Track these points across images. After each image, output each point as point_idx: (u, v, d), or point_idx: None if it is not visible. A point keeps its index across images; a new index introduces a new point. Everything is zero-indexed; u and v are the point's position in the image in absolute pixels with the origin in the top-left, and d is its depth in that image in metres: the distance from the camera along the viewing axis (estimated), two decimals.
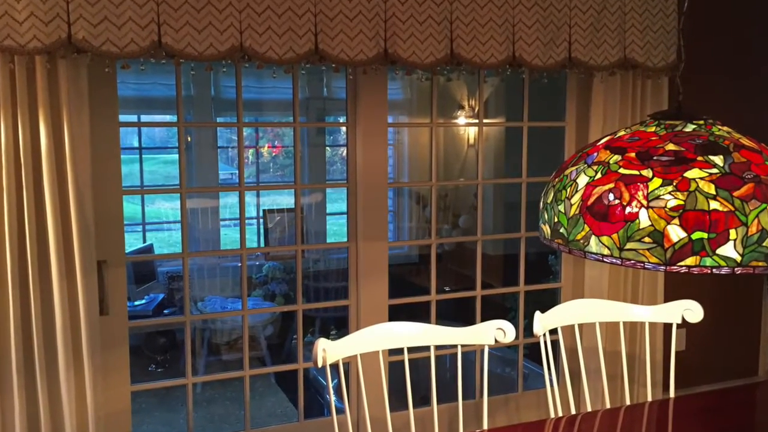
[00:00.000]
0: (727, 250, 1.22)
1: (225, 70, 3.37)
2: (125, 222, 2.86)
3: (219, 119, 6.52)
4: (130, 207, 7.48)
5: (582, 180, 1.38)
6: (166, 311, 5.42)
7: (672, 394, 2.50)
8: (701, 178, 1.25)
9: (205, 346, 5.27)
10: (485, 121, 3.61)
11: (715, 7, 3.69)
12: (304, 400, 3.25)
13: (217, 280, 5.90)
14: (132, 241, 7.04)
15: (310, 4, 2.67)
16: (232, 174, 8.83)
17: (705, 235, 1.22)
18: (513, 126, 3.92)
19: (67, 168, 2.47)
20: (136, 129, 7.31)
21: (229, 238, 7.17)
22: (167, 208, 8.34)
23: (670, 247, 1.24)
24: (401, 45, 2.81)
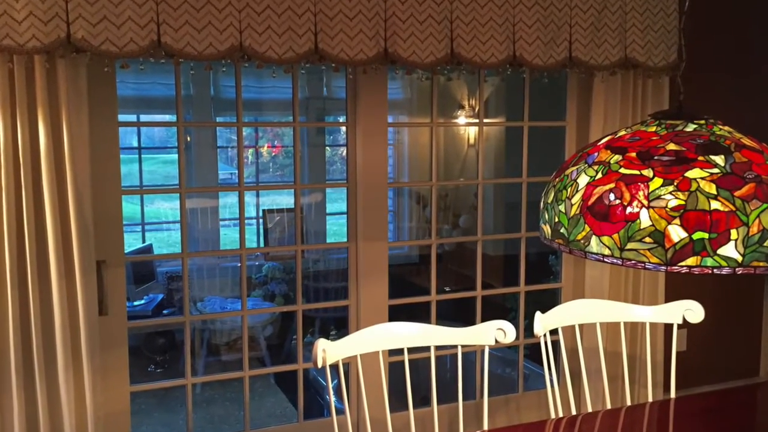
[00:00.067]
0: (728, 251, 1.22)
1: (224, 69, 3.37)
2: (124, 222, 2.85)
3: (218, 119, 6.51)
4: (130, 207, 7.48)
5: (583, 180, 1.38)
6: (165, 311, 5.41)
7: (673, 394, 2.49)
8: (702, 178, 1.25)
9: (204, 347, 5.26)
10: (485, 120, 3.61)
11: (715, 6, 3.68)
12: (304, 401, 3.25)
13: (216, 280, 5.89)
14: (131, 241, 7.03)
15: (309, 3, 2.66)
16: (231, 174, 8.82)
17: (706, 235, 1.22)
18: (513, 126, 3.91)
19: (66, 168, 2.47)
20: (135, 129, 7.30)
21: (229, 238, 7.16)
22: (166, 208, 8.33)
23: (671, 248, 1.24)
24: (401, 44, 2.80)
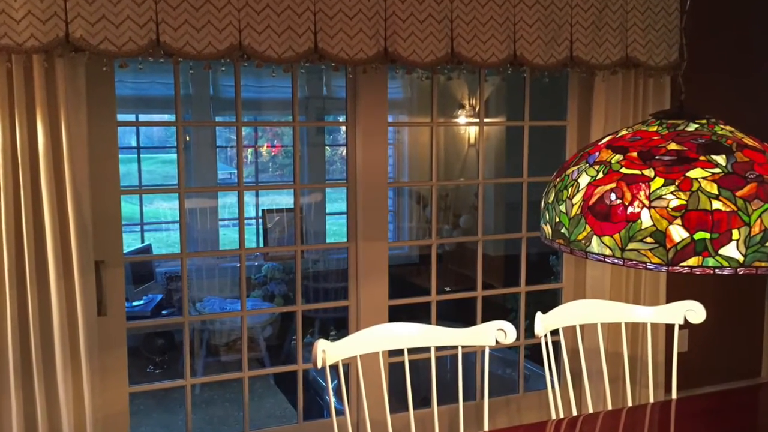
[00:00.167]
0: (730, 251, 1.22)
1: (224, 69, 3.36)
2: (123, 222, 2.84)
3: (218, 118, 6.50)
4: (128, 207, 7.48)
5: (583, 180, 1.37)
6: (164, 312, 5.40)
7: (674, 395, 2.49)
8: (704, 178, 1.25)
9: (203, 347, 5.26)
10: (486, 120, 3.60)
11: (717, 5, 3.68)
12: (304, 402, 3.24)
13: (215, 280, 5.89)
14: (130, 242, 7.02)
15: (309, 2, 2.66)
16: (230, 174, 8.82)
17: (707, 236, 1.22)
18: (514, 125, 3.90)
19: (65, 167, 2.46)
20: (134, 128, 7.31)
21: (228, 238, 7.16)
22: (165, 208, 8.33)
23: (673, 248, 1.23)
24: (401, 44, 2.79)
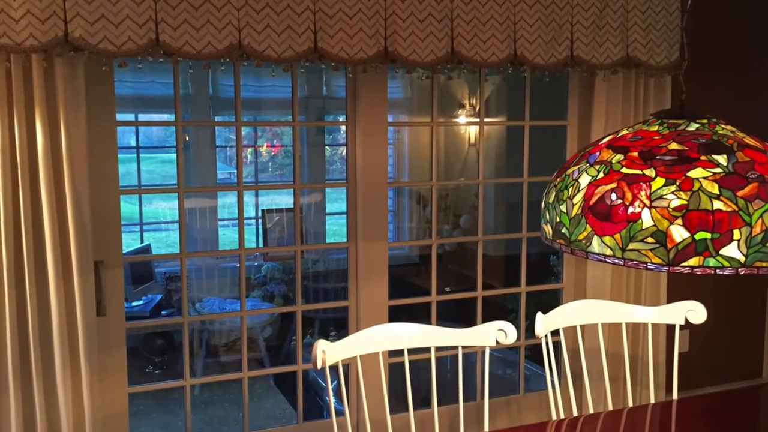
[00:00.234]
0: (731, 251, 1.22)
1: (223, 68, 3.36)
2: (122, 222, 2.84)
3: (217, 118, 6.50)
4: (128, 207, 7.47)
5: (584, 179, 1.37)
6: (163, 312, 5.40)
7: (675, 395, 2.48)
8: (704, 178, 1.25)
9: (203, 348, 5.25)
10: (486, 120, 3.59)
11: (717, 4, 3.67)
12: (304, 402, 3.23)
13: (215, 280, 5.88)
14: (129, 242, 7.02)
15: (309, 2, 2.65)
16: (230, 173, 8.82)
17: (708, 236, 1.22)
18: (514, 125, 3.90)
19: (64, 167, 2.46)
20: (133, 128, 7.31)
21: (228, 238, 7.16)
22: (165, 208, 8.32)
23: (673, 248, 1.23)
24: (401, 43, 2.79)
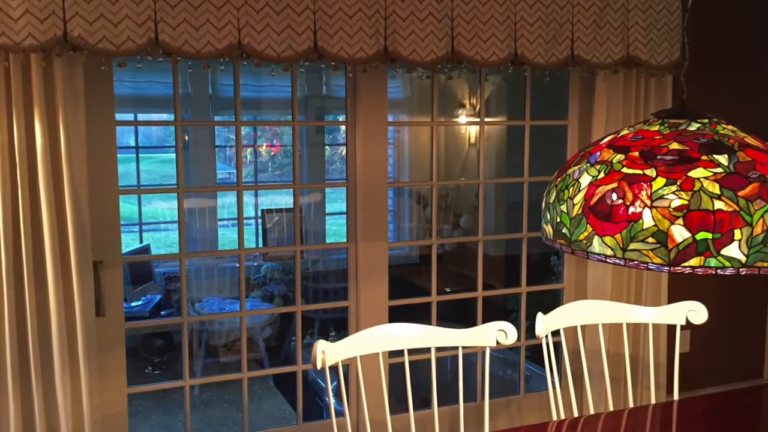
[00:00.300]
0: (732, 251, 1.22)
1: (223, 68, 3.36)
2: (122, 222, 2.84)
3: (217, 118, 6.50)
4: (127, 207, 7.46)
5: (585, 179, 1.36)
6: (163, 312, 5.39)
7: (676, 396, 2.47)
8: (705, 178, 1.24)
9: (202, 348, 5.25)
10: (486, 119, 3.58)
11: (718, 3, 3.66)
12: (303, 403, 3.23)
13: (214, 281, 5.88)
14: (129, 242, 7.02)
15: (309, 1, 2.64)
16: (230, 173, 8.82)
17: (709, 236, 1.22)
18: (515, 125, 3.89)
19: (63, 167, 2.45)
20: (132, 128, 7.31)
21: (227, 238, 7.16)
22: (164, 208, 8.32)
23: (674, 248, 1.23)
24: (401, 43, 2.78)
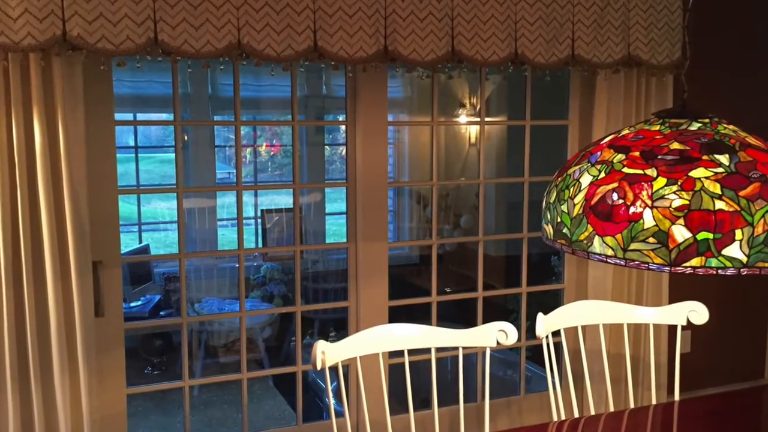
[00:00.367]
0: (733, 251, 1.21)
1: (222, 67, 3.35)
2: (121, 222, 2.83)
3: (216, 117, 6.49)
4: (126, 207, 7.46)
5: (585, 179, 1.36)
6: (162, 313, 5.40)
7: (677, 397, 2.47)
8: (706, 178, 1.24)
9: (202, 349, 5.24)
10: (487, 119, 3.57)
11: (719, 2, 3.66)
12: (303, 403, 3.22)
13: (214, 281, 5.87)
14: (128, 242, 7.03)
15: (308, 0, 2.64)
16: (229, 173, 8.82)
17: (710, 236, 1.21)
18: (515, 124, 3.88)
19: (62, 167, 2.45)
20: (131, 127, 7.32)
21: (227, 238, 7.15)
22: (164, 208, 8.32)
23: (675, 248, 1.22)
24: (401, 42, 2.78)
